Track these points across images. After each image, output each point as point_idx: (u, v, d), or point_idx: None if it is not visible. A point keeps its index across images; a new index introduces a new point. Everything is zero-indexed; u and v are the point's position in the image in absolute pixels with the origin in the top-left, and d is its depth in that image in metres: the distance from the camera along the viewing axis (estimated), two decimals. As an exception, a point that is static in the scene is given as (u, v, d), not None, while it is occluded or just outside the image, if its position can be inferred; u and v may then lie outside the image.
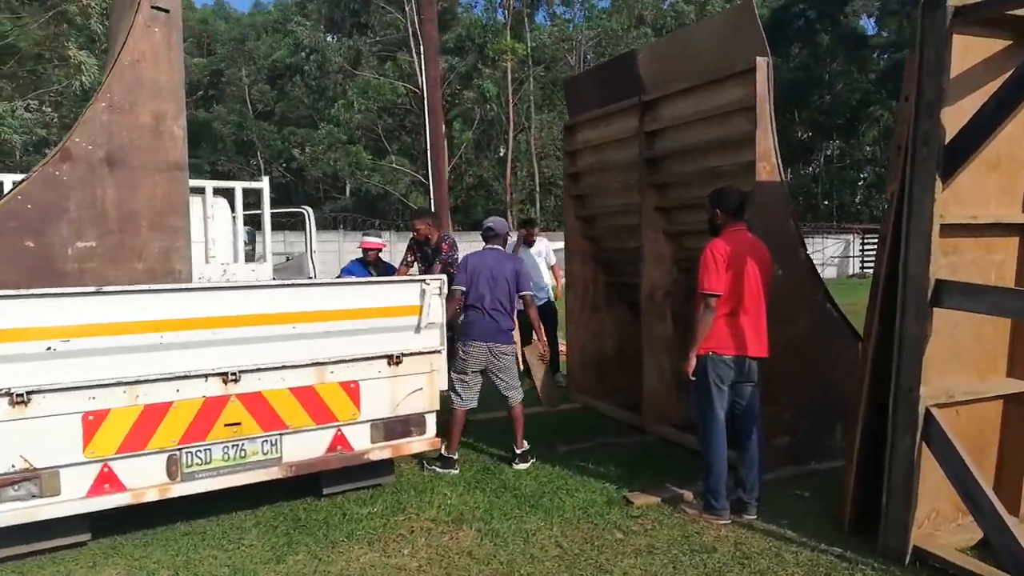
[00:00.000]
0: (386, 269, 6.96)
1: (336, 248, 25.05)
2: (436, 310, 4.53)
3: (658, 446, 5.89)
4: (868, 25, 41.91)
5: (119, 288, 3.70)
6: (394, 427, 4.46)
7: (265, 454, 4.11)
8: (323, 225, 26.90)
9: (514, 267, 5.52)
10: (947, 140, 3.53)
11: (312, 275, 8.38)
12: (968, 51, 3.57)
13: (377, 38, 33.98)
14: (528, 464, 5.45)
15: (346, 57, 33.76)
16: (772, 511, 4.47)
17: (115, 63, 4.32)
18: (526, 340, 6.81)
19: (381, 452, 4.43)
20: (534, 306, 5.68)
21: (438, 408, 4.69)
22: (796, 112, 39.46)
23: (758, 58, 4.93)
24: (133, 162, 4.32)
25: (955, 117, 3.51)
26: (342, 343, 4.26)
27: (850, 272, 32.55)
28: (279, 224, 16.85)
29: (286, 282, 4.04)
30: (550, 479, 5.15)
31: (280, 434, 4.13)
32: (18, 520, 3.55)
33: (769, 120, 5.02)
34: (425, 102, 10.65)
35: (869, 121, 37.81)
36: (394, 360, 4.40)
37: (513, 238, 8.09)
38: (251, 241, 8.71)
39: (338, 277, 7.23)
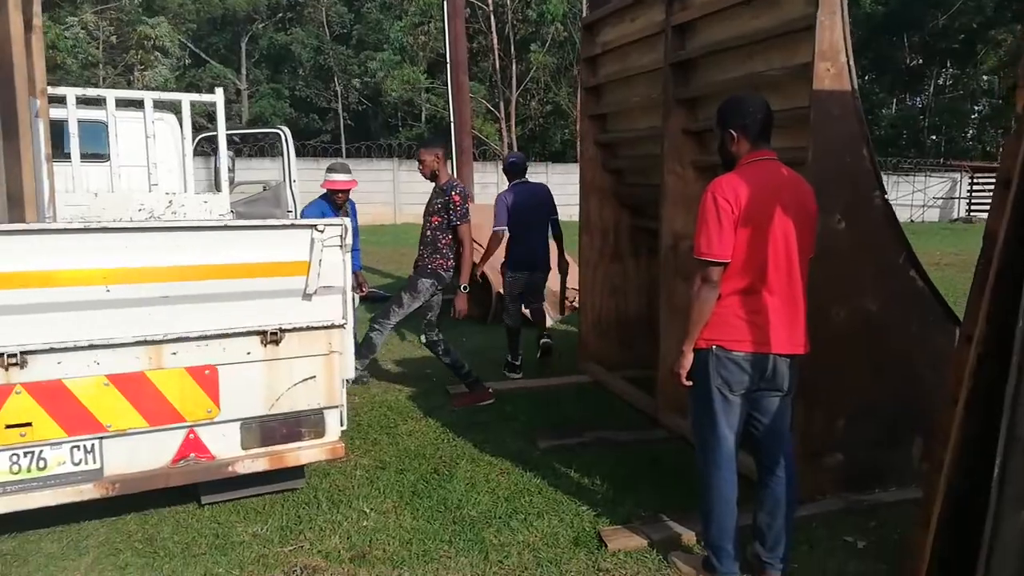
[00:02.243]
0: (354, 213, 5.73)
1: (391, 178, 23.90)
2: (335, 268, 3.24)
3: (670, 448, 4.50)
4: (995, -66, 37.02)
5: None
6: (274, 428, 3.24)
7: (76, 464, 2.96)
8: (397, 153, 25.81)
9: (546, 194, 6.15)
10: None
11: (291, 208, 7.21)
12: None
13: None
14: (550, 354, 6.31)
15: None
16: (807, 572, 3.08)
17: None
18: None
19: (254, 462, 3.23)
20: (559, 226, 6.24)
21: (342, 403, 3.43)
22: (905, 35, 35.50)
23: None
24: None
25: None
26: (189, 313, 3.02)
27: (955, 216, 29.44)
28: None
29: (91, 224, 2.83)
30: (511, 494, 3.87)
31: (98, 438, 2.96)
32: None
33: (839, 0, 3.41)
34: (445, 6, 9.14)
35: (989, 46, 33.59)
36: (270, 337, 3.15)
37: None
38: (234, 167, 7.59)
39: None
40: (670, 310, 4.77)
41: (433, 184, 5.24)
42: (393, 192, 23.85)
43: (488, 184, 24.83)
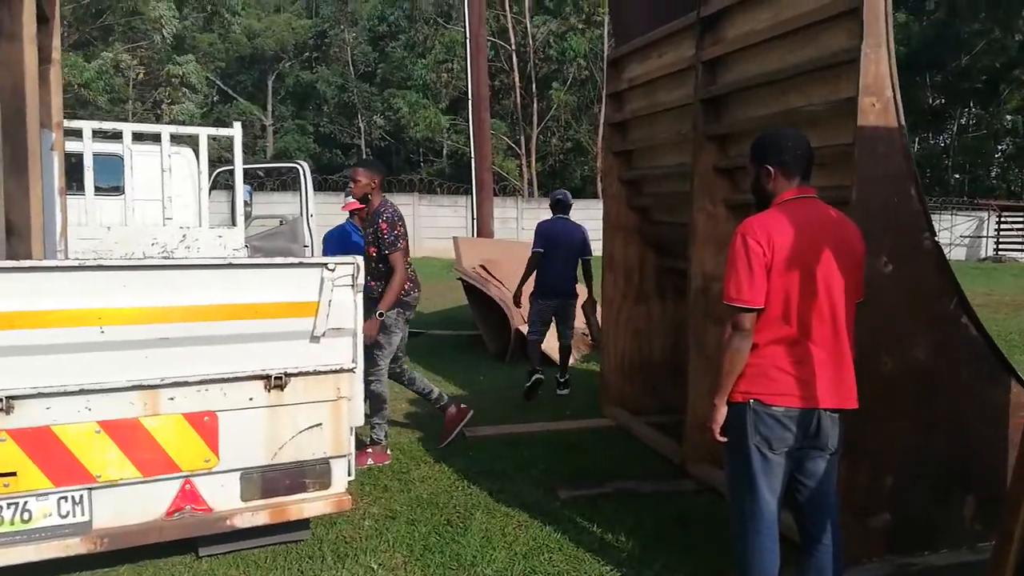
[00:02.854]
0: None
1: (411, 212, 23.87)
2: (346, 308, 3.05)
3: (700, 502, 4.22)
4: (1017, -24, 36.89)
5: None
6: (276, 479, 3.03)
7: (63, 517, 2.76)
8: (417, 188, 25.80)
9: (582, 235, 6.51)
10: None
11: (307, 243, 7.08)
12: None
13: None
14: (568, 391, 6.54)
15: (436, 8, 32.09)
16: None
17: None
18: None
19: (254, 516, 3.02)
20: (591, 267, 6.56)
21: (350, 452, 3.21)
22: (927, 75, 35.34)
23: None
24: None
25: None
26: (188, 356, 2.84)
27: (982, 255, 28.90)
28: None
29: (86, 262, 2.67)
30: (529, 550, 3.60)
31: (87, 489, 2.77)
32: None
33: (885, 32, 3.22)
34: (468, 39, 9.13)
35: (1012, 86, 33.33)
36: (275, 382, 2.96)
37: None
38: (252, 201, 7.50)
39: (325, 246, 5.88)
40: (700, 355, 4.53)
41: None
42: (413, 226, 23.80)
43: (508, 219, 24.76)
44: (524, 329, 7.73)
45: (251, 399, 2.93)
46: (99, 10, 23.45)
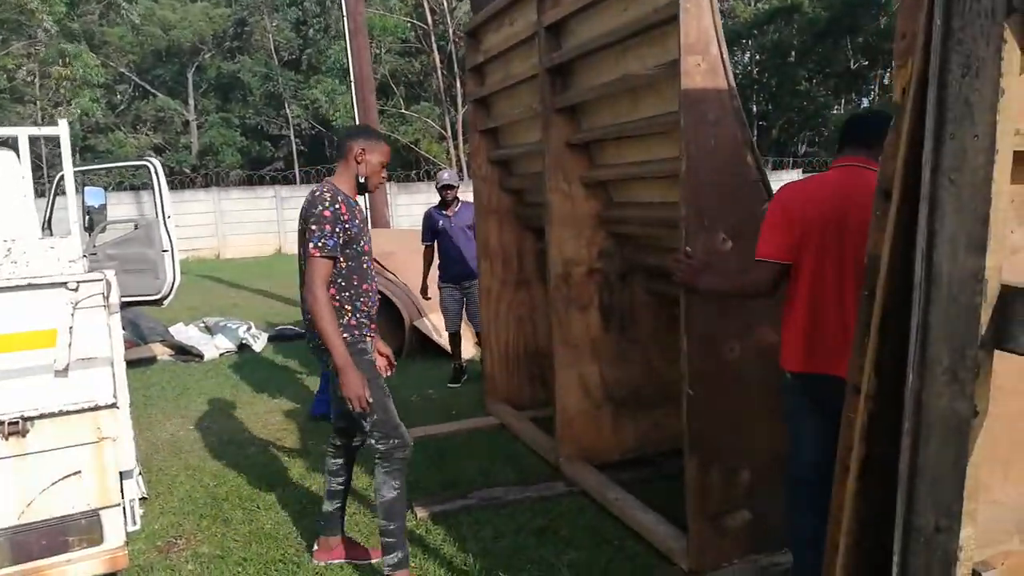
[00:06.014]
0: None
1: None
2: (96, 335, 2.61)
3: (567, 507, 3.89)
4: (932, -67, 37.28)
5: None
6: (29, 542, 2.58)
7: None
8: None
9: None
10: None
11: (167, 247, 6.50)
12: None
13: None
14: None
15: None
16: None
17: None
18: None
19: (6, 584, 2.57)
20: None
21: (134, 499, 2.78)
22: (848, 38, 35.70)
23: None
24: None
25: None
26: None
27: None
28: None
29: None
30: (364, 585, 3.25)
31: None
32: None
33: (706, -17, 2.88)
34: (344, 15, 8.65)
35: (931, 42, 33.88)
36: (11, 428, 2.51)
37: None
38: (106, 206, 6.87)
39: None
40: (564, 345, 4.19)
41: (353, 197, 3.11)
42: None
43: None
44: (420, 325, 7.36)
45: (-16, 449, 2.49)
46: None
